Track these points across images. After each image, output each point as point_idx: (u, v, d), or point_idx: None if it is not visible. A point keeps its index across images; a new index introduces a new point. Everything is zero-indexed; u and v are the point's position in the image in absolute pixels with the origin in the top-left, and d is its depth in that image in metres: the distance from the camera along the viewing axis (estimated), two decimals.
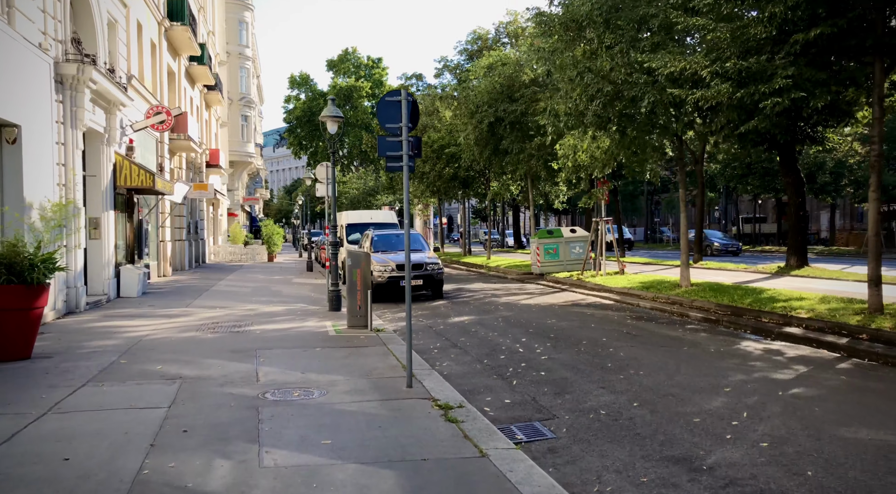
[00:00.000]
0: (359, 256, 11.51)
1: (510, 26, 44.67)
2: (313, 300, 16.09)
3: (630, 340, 10.58)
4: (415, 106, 7.38)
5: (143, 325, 11.74)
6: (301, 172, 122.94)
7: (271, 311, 14.00)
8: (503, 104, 24.66)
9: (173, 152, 25.65)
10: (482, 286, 20.83)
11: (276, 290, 19.07)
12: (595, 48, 14.82)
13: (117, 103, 15.36)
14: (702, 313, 13.27)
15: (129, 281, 16.14)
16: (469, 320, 13.22)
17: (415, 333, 11.65)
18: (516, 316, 13.57)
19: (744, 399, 6.89)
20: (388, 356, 8.95)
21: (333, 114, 13.69)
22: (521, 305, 15.66)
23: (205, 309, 14.17)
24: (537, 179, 26.72)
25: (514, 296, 17.68)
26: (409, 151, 7.34)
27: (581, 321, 12.73)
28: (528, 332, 11.51)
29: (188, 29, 24.58)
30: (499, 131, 25.10)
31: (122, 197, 17.12)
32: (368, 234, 18.84)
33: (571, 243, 24.05)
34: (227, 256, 37.88)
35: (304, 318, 12.89)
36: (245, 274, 26.00)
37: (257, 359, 8.73)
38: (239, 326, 11.76)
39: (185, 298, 16.37)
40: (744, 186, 50.24)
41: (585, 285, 19.15)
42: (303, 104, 76.44)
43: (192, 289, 18.75)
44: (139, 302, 15.29)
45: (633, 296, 16.25)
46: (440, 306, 15.69)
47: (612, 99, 14.79)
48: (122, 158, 16.08)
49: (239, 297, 16.89)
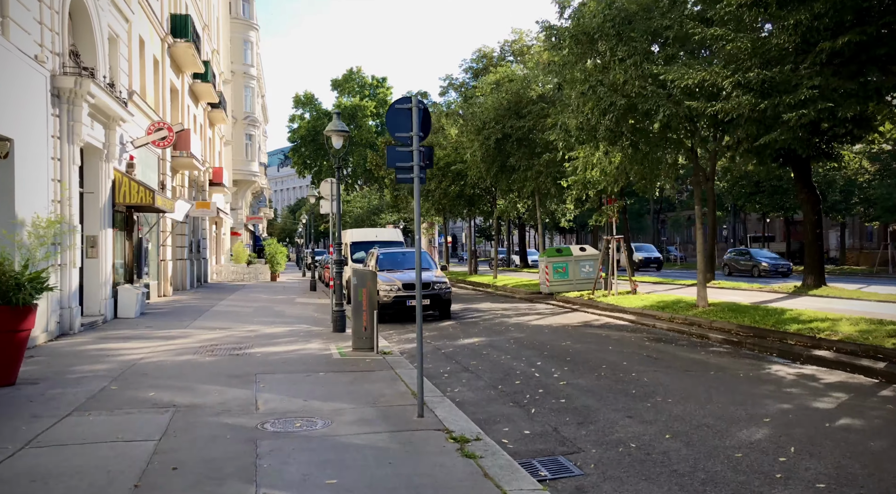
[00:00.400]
0: (364, 275, 11.00)
1: (515, 45, 44.55)
2: (317, 321, 15.55)
3: (652, 364, 10.00)
4: (426, 114, 6.90)
5: (138, 348, 11.21)
6: (305, 191, 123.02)
7: (273, 332, 13.46)
8: (510, 121, 24.27)
9: (175, 170, 25.28)
10: (490, 306, 20.27)
11: (279, 310, 18.54)
12: (607, 61, 14.41)
13: (117, 119, 14.97)
14: (723, 334, 12.68)
15: (126, 301, 15.63)
16: (479, 342, 12.65)
17: (426, 355, 11.09)
18: (529, 338, 13.00)
19: (788, 431, 6.31)
20: (397, 382, 8.39)
21: (338, 128, 13.27)
22: (532, 326, 15.08)
23: (204, 331, 13.63)
24: (545, 197, 26.24)
25: (525, 316, 17.11)
26: (420, 162, 6.86)
27: (598, 344, 12.16)
28: (543, 355, 10.94)
29: (192, 46, 24.33)
30: (506, 148, 24.69)
31: (121, 215, 16.68)
32: (374, 252, 18.34)
33: (581, 262, 23.52)
34: (230, 275, 37.40)
35: (307, 340, 12.34)
36: (247, 294, 25.48)
37: (257, 385, 8.18)
38: (239, 348, 11.21)
39: (185, 319, 15.84)
40: (752, 204, 49.72)
41: (597, 305, 18.57)
42: (307, 123, 76.50)
43: (192, 309, 18.23)
44: (137, 323, 14.77)
45: (648, 317, 15.67)
46: (448, 326, 15.13)
47: (625, 113, 14.35)
48: (121, 174, 15.66)
49: (240, 318, 16.36)
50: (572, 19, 15.31)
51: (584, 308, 18.72)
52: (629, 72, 13.47)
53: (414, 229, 30.34)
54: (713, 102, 11.56)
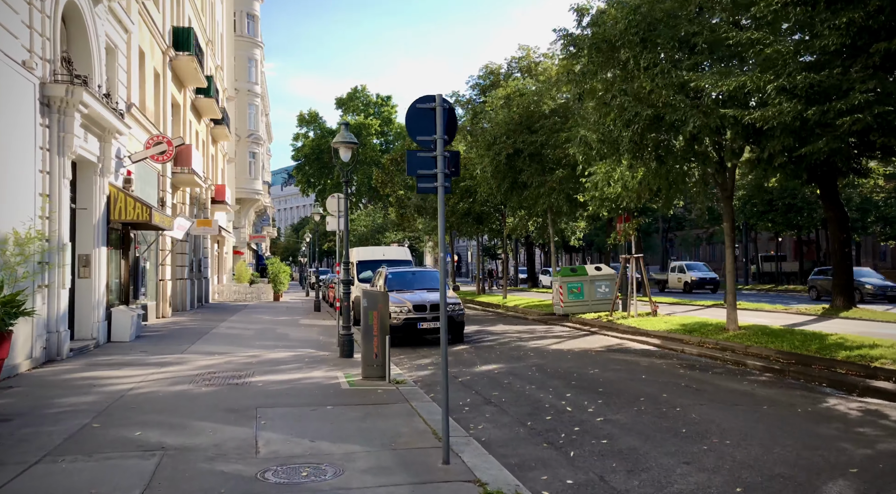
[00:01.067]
0: (375, 296, 10.11)
1: (522, 61, 43.98)
2: (322, 345, 14.63)
3: (694, 395, 9.05)
4: (452, 115, 6.06)
5: (129, 376, 10.30)
6: (309, 210, 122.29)
7: (276, 358, 12.54)
8: (522, 136, 23.50)
9: (176, 187, 24.51)
10: (504, 328, 19.32)
11: (282, 333, 17.62)
12: (630, 70, 13.62)
13: (113, 131, 14.20)
14: (761, 361, 11.72)
15: (121, 324, 14.74)
16: (498, 369, 11.70)
17: (440, 384, 10.16)
18: (551, 364, 12.04)
19: (885, 487, 5.36)
20: (414, 418, 7.47)
21: (347, 140, 12.47)
22: (552, 350, 14.13)
23: (202, 356, 12.72)
24: (558, 215, 25.38)
25: (542, 340, 16.15)
26: (444, 169, 6.00)
27: (628, 371, 11.20)
28: (571, 384, 9.99)
29: (194, 59, 23.69)
30: (517, 164, 23.90)
31: (116, 232, 15.85)
32: (382, 271, 17.44)
33: (597, 282, 22.60)
34: (232, 295, 36.53)
35: (312, 366, 11.42)
36: (249, 315, 24.58)
37: (257, 421, 7.26)
38: (238, 377, 10.30)
39: (183, 342, 14.94)
40: (764, 222, 48.81)
41: (618, 327, 17.63)
42: (311, 142, 76.16)
43: (190, 332, 17.32)
44: (131, 348, 13.86)
45: (675, 341, 14.71)
46: (462, 351, 14.19)
47: (649, 124, 13.51)
48: (116, 190, 14.86)
49: (241, 341, 15.45)
50: (592, 27, 14.55)
51: (604, 331, 17.77)
52: (656, 80, 12.66)
53: (431, 246, 29.36)
54: (750, 110, 10.72)
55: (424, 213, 36.51)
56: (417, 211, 36.54)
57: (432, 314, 14.93)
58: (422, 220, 39.00)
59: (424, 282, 16.82)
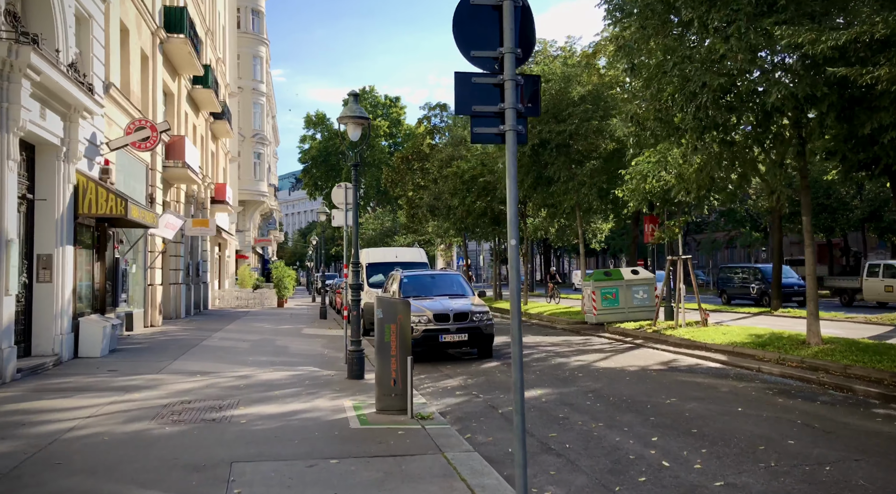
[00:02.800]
0: (394, 305, 7.84)
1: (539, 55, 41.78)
2: (327, 361, 12.38)
3: (828, 442, 6.71)
4: (527, 16, 3.79)
5: (79, 407, 8.07)
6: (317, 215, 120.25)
7: (270, 379, 10.29)
8: (548, 125, 21.21)
9: (169, 183, 22.36)
10: (535, 340, 17.00)
11: (282, 345, 15.39)
12: (694, 33, 11.35)
13: (80, 109, 12.02)
14: (874, 386, 9.37)
15: (90, 336, 12.53)
16: (546, 395, 9.40)
17: (477, 418, 7.88)
18: (610, 390, 9.71)
19: None
20: (454, 481, 5.20)
21: (355, 113, 10.26)
22: (601, 369, 11.80)
23: (181, 377, 10.48)
24: (587, 212, 23.02)
25: (584, 355, 13.83)
26: (517, 103, 3.73)
27: (714, 401, 8.86)
28: (649, 421, 7.67)
29: (188, 42, 21.56)
30: (543, 157, 21.62)
31: (88, 229, 13.67)
32: (396, 275, 15.18)
33: (634, 287, 20.26)
34: (233, 301, 34.36)
35: (313, 391, 9.16)
36: (248, 323, 22.37)
37: (229, 489, 5.01)
38: (218, 408, 8.05)
39: (164, 357, 12.71)
40: (794, 224, 46.34)
41: (667, 339, 15.29)
42: (319, 144, 74.37)
43: (177, 344, 15.10)
44: (100, 365, 11.63)
45: (745, 357, 12.37)
46: (494, 370, 11.90)
47: (718, 97, 11.20)
48: (86, 178, 12.67)
49: (232, 356, 13.22)
50: None
51: (651, 343, 15.42)
52: (731, 42, 10.36)
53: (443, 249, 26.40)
54: (869, 68, 8.42)
55: (438, 213, 34.24)
56: (430, 211, 34.28)
57: (457, 324, 12.64)
58: (435, 221, 36.73)
59: (445, 287, 14.53)
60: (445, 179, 30.75)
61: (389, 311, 7.82)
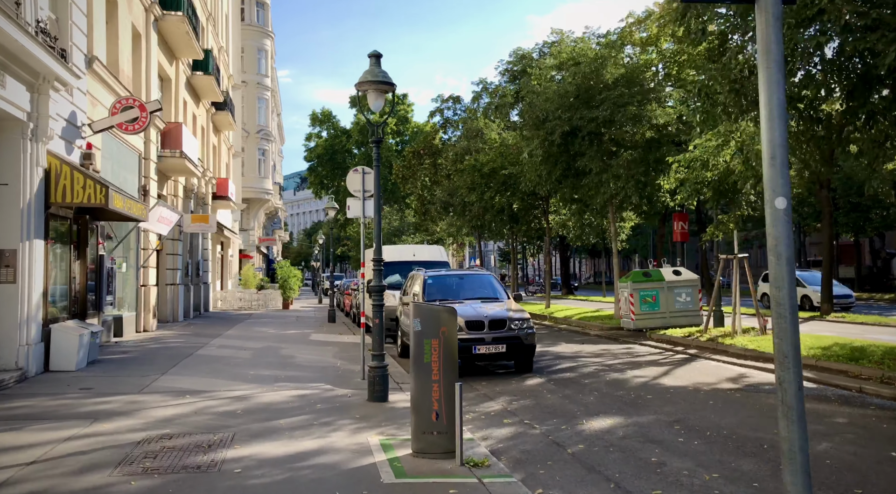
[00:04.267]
0: (436, 315, 5.98)
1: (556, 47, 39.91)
2: (341, 376, 10.54)
3: None
4: None
5: (24, 446, 6.23)
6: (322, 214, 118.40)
7: (274, 401, 8.45)
8: (580, 111, 19.32)
9: (165, 175, 20.55)
10: (572, 349, 15.11)
11: (287, 354, 13.54)
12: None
13: (50, 78, 10.20)
14: None
15: (63, 347, 10.69)
16: (620, 427, 7.49)
17: (542, 462, 5.98)
18: (697, 419, 7.79)
19: None
20: None
21: (377, 78, 8.42)
22: (670, 388, 9.89)
23: (167, 397, 8.63)
24: (621, 207, 21.10)
25: (639, 369, 11.91)
26: None
27: (845, 438, 6.93)
28: (778, 467, 5.77)
29: (186, 22, 19.74)
30: (574, 146, 19.72)
31: (64, 222, 11.84)
32: (417, 275, 13.31)
33: (676, 290, 18.34)
34: (236, 302, 32.55)
35: (328, 421, 7.31)
36: (251, 327, 20.54)
37: None
38: (207, 446, 6.20)
39: (150, 370, 10.88)
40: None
41: (726, 349, 13.40)
42: (325, 142, 72.73)
43: (169, 353, 13.27)
44: (72, 381, 9.80)
45: (836, 373, 10.45)
46: (541, 388, 10.00)
47: (811, 61, 9.31)
48: (60, 162, 10.84)
49: (230, 368, 11.38)
50: None
51: (707, 354, 13.51)
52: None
53: (455, 248, 24.08)
54: None
55: (452, 210, 32.39)
56: (444, 208, 32.42)
57: (493, 333, 10.74)
58: (448, 218, 34.86)
59: (475, 289, 12.63)
60: (461, 174, 28.91)
61: (430, 322, 5.95)
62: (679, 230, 24.93)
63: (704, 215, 30.38)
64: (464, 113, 38.35)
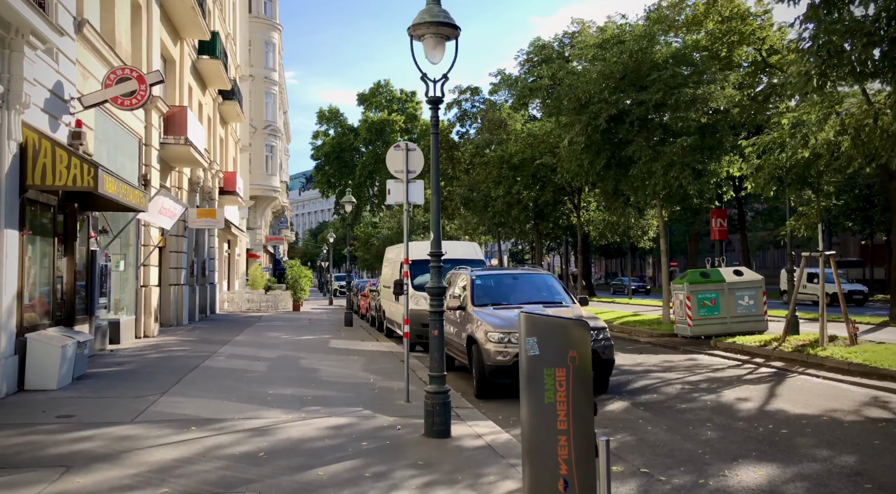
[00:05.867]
0: (563, 331, 4.07)
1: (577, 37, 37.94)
2: (379, 396, 8.64)
3: None
4: None
5: None
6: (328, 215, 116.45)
7: (304, 436, 6.54)
8: (626, 94, 17.38)
9: (169, 165, 18.68)
10: (632, 360, 13.14)
11: (309, 366, 11.63)
12: None
13: (25, 31, 8.32)
14: None
15: (42, 360, 8.79)
16: (780, 482, 5.50)
17: None
18: (880, 470, 5.83)
19: None
20: None
21: (437, 19, 6.52)
22: (801, 419, 7.88)
23: (164, 430, 6.74)
24: (671, 199, 19.04)
25: (731, 387, 9.94)
26: None
27: None
28: None
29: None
30: (620, 133, 17.77)
31: (48, 210, 9.96)
32: (461, 275, 11.34)
33: (738, 292, 16.42)
34: (244, 304, 30.71)
35: (380, 470, 5.41)
36: (262, 332, 18.65)
37: None
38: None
39: (148, 389, 8.99)
40: (857, 223, 42.36)
41: (821, 362, 11.45)
42: (332, 140, 70.99)
43: (170, 365, 11.37)
44: (50, 405, 7.91)
45: None
46: (632, 417, 8.05)
47: None
48: (39, 137, 8.95)
49: (244, 385, 9.47)
50: None
51: (799, 368, 11.54)
52: None
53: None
54: None
55: (472, 207, 30.46)
56: (464, 204, 30.49)
57: None
58: (464, 215, 32.91)
59: (533, 292, 10.64)
60: (483, 167, 27.00)
61: (553, 341, 4.03)
62: (717, 227, 22.98)
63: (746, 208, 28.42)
64: (482, 105, 36.41)
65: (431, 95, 6.87)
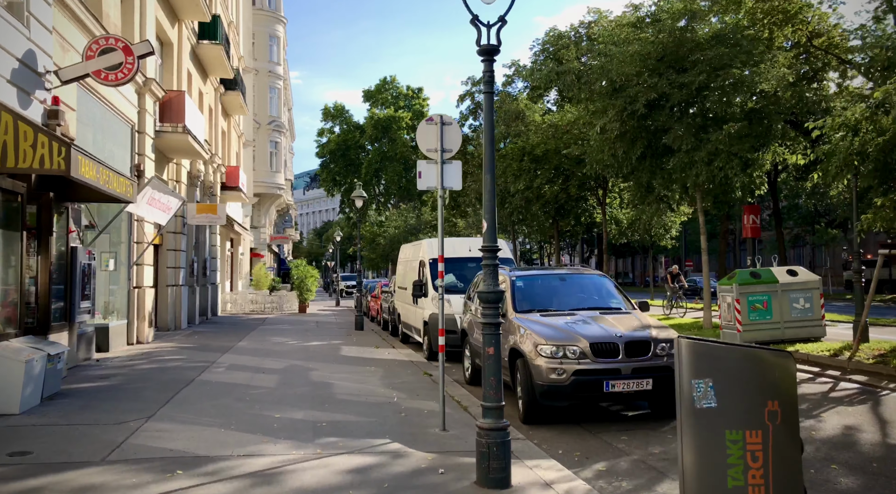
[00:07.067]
0: (758, 366, 2.49)
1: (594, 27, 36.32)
2: (405, 421, 7.11)
3: None
4: None
5: None
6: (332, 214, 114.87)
7: (319, 485, 5.01)
8: (665, 76, 15.80)
9: (165, 156, 17.18)
10: None
11: (320, 380, 10.11)
12: None
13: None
14: None
15: (3, 381, 7.28)
16: None
17: None
18: None
19: None
20: None
21: None
22: None
23: (143, 476, 5.22)
24: (712, 191, 17.38)
25: (825, 409, 8.37)
26: None
27: None
28: None
29: None
30: (658, 119, 16.18)
31: (14, 199, 8.46)
32: (502, 276, 9.84)
33: (792, 294, 14.78)
34: (248, 305, 29.25)
35: None
36: (267, 336, 17.14)
37: None
38: None
39: (130, 411, 7.48)
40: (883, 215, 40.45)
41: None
42: (337, 137, 69.71)
43: (161, 379, 9.86)
44: (3, 437, 6.40)
45: None
46: None
47: None
48: (6, 112, 7.44)
49: (246, 406, 7.95)
50: None
51: (888, 383, 9.96)
52: None
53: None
54: None
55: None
56: (479, 199, 28.88)
57: (633, 362, 7.20)
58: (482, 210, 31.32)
59: (585, 297, 9.08)
60: (501, 161, 25.45)
61: (740, 385, 2.50)
62: (750, 225, 21.47)
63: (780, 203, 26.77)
64: (496, 97, 34.87)
65: (485, 44, 5.35)
